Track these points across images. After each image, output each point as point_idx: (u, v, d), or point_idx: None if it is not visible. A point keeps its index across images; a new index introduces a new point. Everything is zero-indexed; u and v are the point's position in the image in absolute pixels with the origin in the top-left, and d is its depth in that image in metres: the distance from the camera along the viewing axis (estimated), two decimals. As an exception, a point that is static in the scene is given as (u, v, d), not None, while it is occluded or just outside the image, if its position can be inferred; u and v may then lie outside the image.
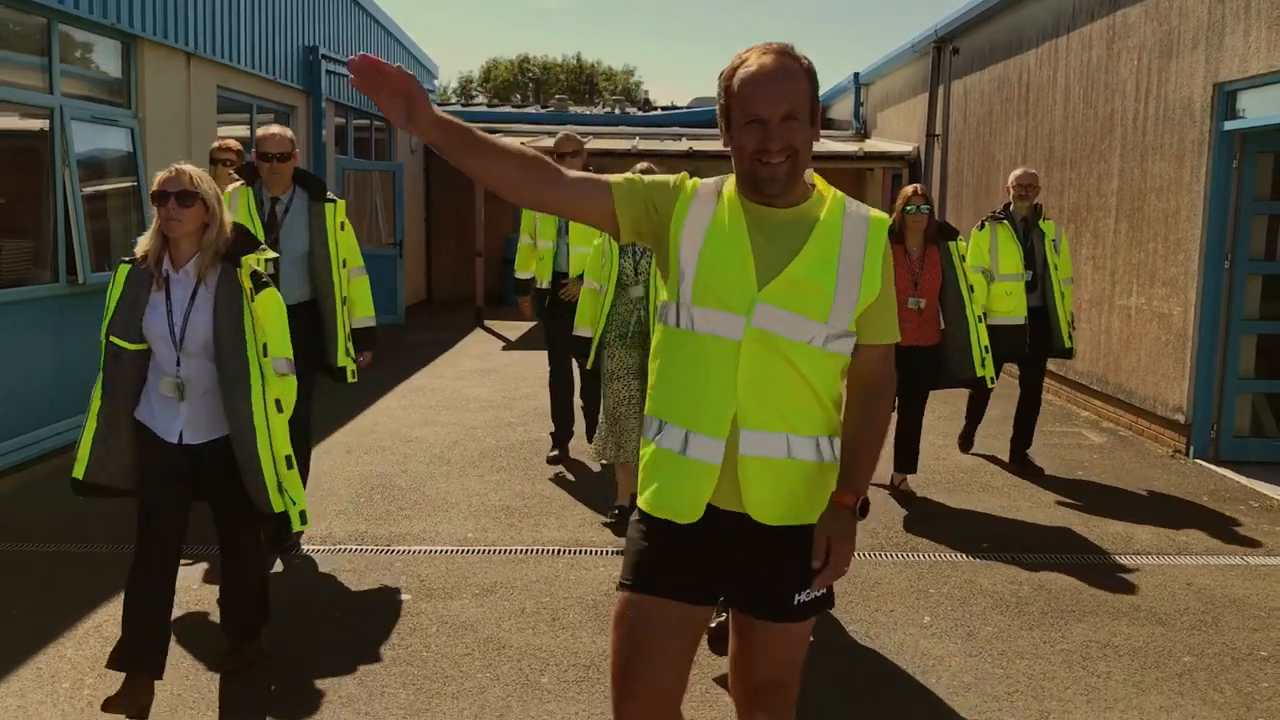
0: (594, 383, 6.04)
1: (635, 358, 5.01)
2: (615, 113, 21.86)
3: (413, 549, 5.03)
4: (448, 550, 5.03)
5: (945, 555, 5.08)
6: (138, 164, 7.86)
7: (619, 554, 4.93)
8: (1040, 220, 6.53)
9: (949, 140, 12.82)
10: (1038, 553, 5.14)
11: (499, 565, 4.84)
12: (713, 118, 3.29)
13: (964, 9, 11.64)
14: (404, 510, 5.65)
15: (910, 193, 5.80)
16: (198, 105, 8.96)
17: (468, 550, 5.03)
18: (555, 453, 6.75)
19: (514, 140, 2.10)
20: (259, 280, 3.42)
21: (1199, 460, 7.08)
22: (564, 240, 6.40)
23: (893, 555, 5.07)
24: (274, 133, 4.81)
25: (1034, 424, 6.75)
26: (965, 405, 7.07)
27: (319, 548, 5.01)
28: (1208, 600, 4.55)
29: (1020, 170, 6.61)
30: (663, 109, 23.62)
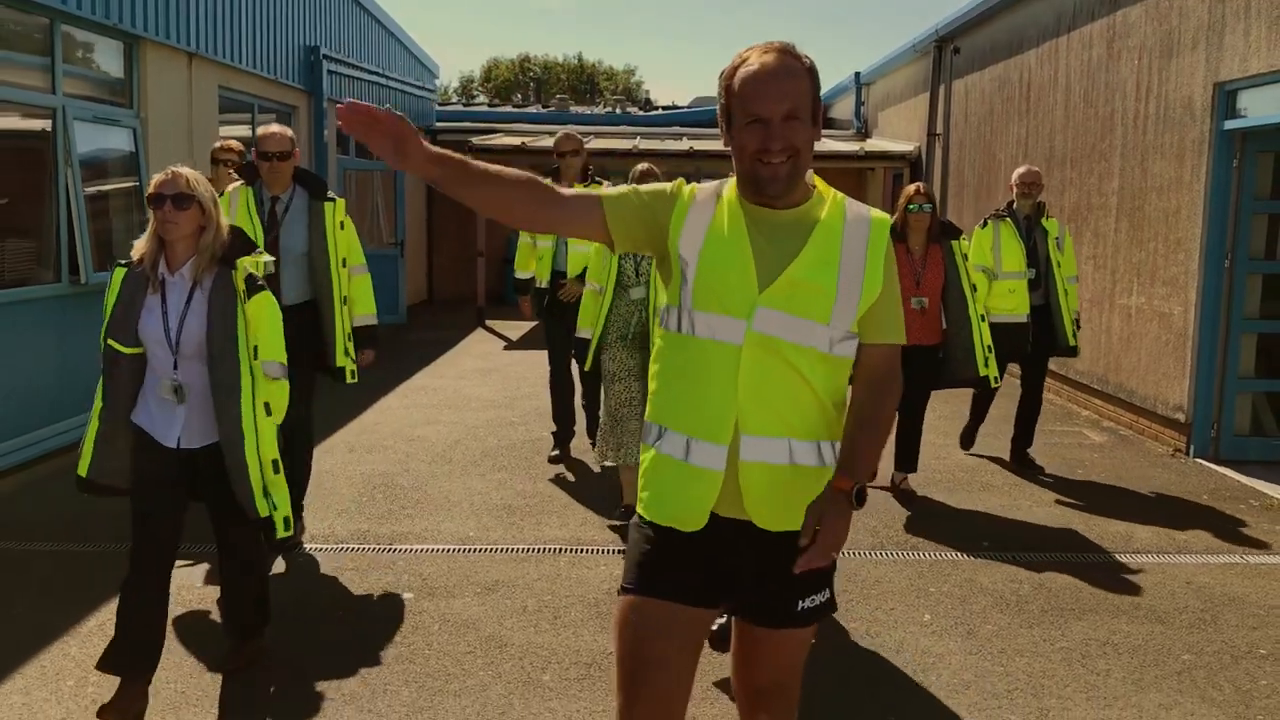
0: (594, 383, 6.05)
1: (636, 359, 5.01)
2: (616, 112, 21.89)
3: (415, 548, 5.04)
4: (449, 549, 5.04)
5: (945, 554, 5.09)
6: (140, 164, 7.87)
7: (620, 553, 4.94)
8: (1043, 219, 6.53)
9: (950, 140, 12.82)
10: (1038, 551, 5.15)
11: (501, 564, 4.85)
12: (713, 117, 3.29)
13: (965, 8, 11.64)
14: (406, 509, 5.66)
15: (913, 191, 5.79)
16: (199, 105, 8.97)
17: (469, 549, 5.05)
18: (556, 452, 6.76)
19: (514, 170, 2.10)
20: (253, 283, 3.41)
21: (1199, 459, 7.09)
22: (563, 240, 6.41)
23: (893, 554, 5.08)
24: (274, 132, 4.81)
25: (1035, 423, 6.76)
26: (968, 404, 7.07)
27: (321, 547, 5.03)
28: (1207, 599, 4.56)
29: (1023, 168, 6.61)
30: (663, 109, 23.62)
